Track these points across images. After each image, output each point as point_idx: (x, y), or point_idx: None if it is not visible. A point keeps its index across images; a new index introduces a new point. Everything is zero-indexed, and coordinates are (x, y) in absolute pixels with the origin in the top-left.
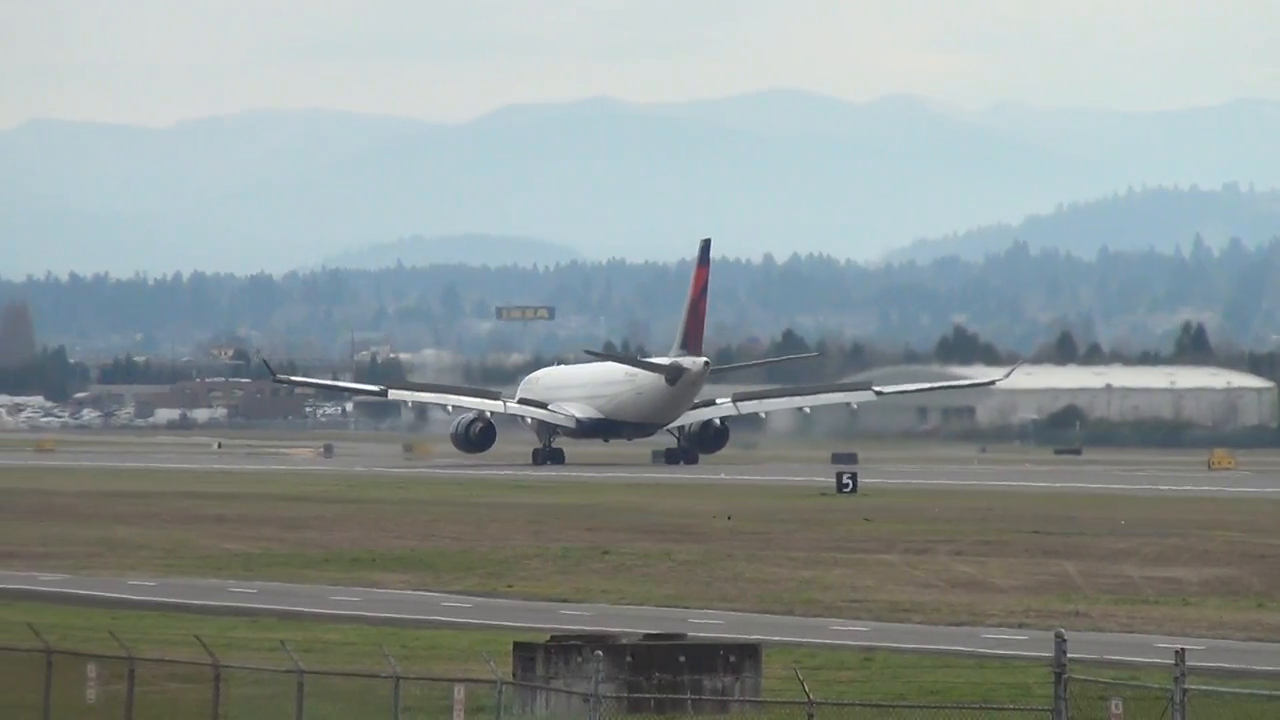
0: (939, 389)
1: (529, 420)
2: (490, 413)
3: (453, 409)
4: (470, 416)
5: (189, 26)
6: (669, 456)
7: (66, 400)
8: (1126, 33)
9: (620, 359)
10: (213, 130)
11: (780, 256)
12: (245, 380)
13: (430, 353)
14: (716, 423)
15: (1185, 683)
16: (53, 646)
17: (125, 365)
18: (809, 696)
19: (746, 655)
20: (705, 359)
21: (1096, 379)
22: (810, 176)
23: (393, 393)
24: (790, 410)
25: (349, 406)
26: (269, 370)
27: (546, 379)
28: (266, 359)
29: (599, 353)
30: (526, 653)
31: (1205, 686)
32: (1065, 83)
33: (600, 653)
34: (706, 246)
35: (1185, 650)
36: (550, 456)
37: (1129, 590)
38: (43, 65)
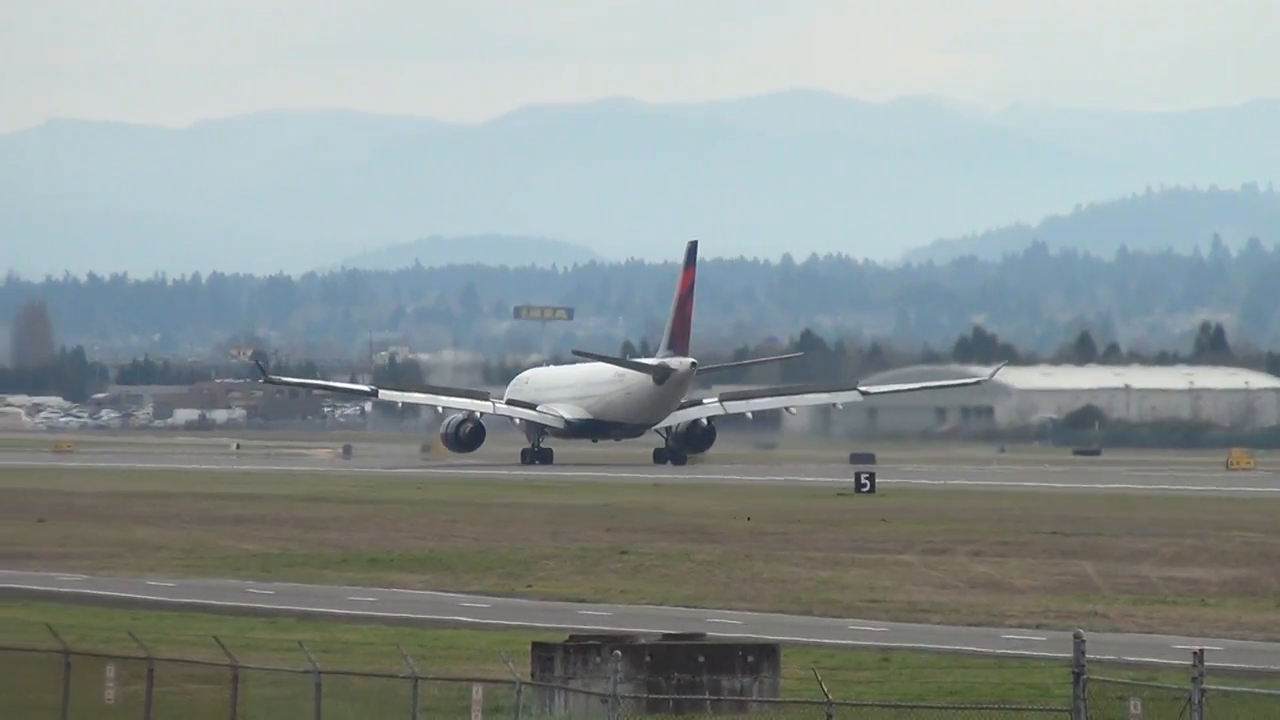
0: (925, 389)
1: (518, 421)
2: (480, 413)
3: (443, 409)
4: (460, 417)
5: (208, 27)
6: (657, 456)
7: (85, 401)
8: (1145, 32)
9: (608, 359)
10: (232, 130)
11: (799, 257)
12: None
13: (448, 353)
14: (703, 422)
15: (1204, 683)
16: (71, 647)
17: (144, 366)
18: (828, 697)
19: (765, 655)
20: (692, 359)
21: (1115, 379)
22: (828, 177)
23: (383, 393)
24: (809, 410)
25: (368, 407)
26: (261, 370)
27: (536, 380)
28: (259, 359)
29: (587, 353)
30: (545, 653)
31: (1224, 687)
32: (1083, 82)
33: (619, 653)
34: (693, 248)
35: (1204, 651)
36: (539, 456)
37: (1147, 591)
38: (61, 66)
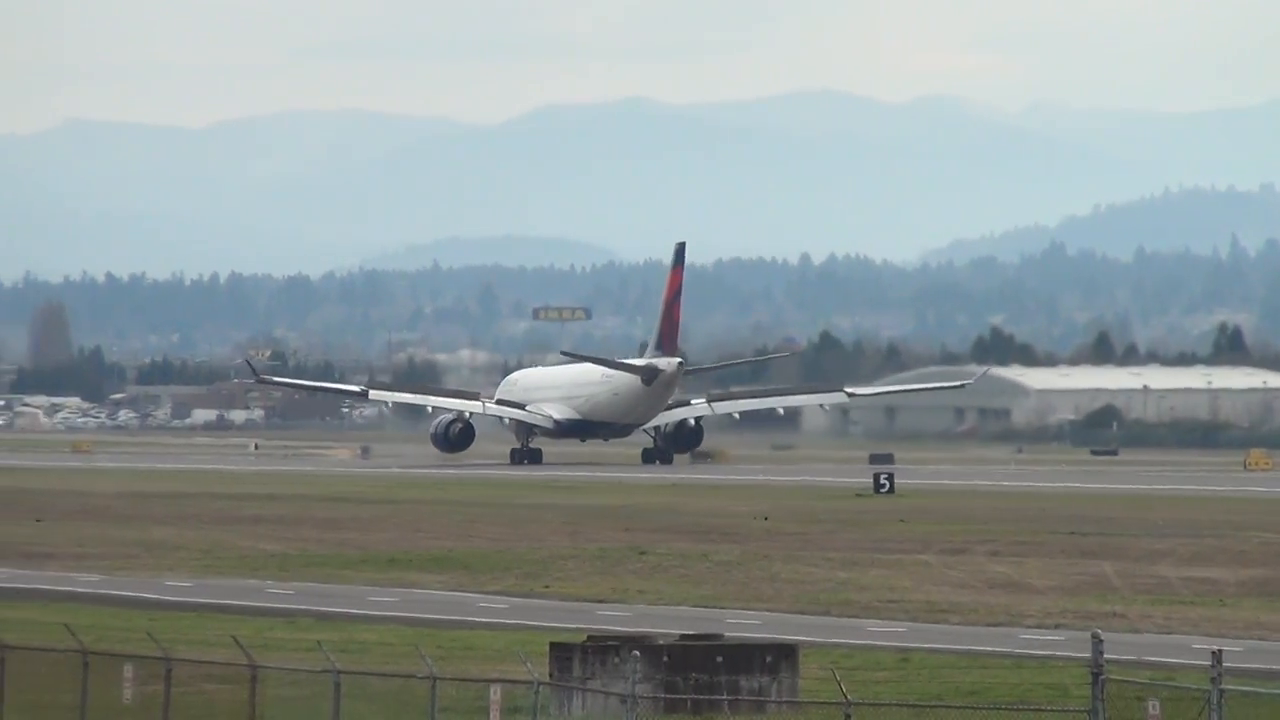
0: (910, 391)
1: (507, 421)
2: (469, 414)
3: (432, 409)
4: (450, 417)
5: (226, 27)
6: (645, 456)
7: (103, 401)
8: (1164, 33)
9: (597, 360)
10: (249, 131)
11: (817, 257)
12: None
13: (466, 353)
14: (691, 423)
15: (1222, 683)
16: (89, 647)
17: (162, 366)
18: (846, 697)
19: (783, 656)
20: (679, 360)
21: (1133, 380)
22: (847, 177)
23: (373, 394)
24: (828, 411)
25: (387, 408)
26: (253, 371)
27: (525, 380)
28: (250, 360)
29: (575, 354)
30: (563, 653)
31: (1242, 687)
32: (1102, 83)
33: (637, 653)
34: (681, 250)
35: (1222, 651)
36: (528, 456)
37: (1166, 591)
38: (79, 67)
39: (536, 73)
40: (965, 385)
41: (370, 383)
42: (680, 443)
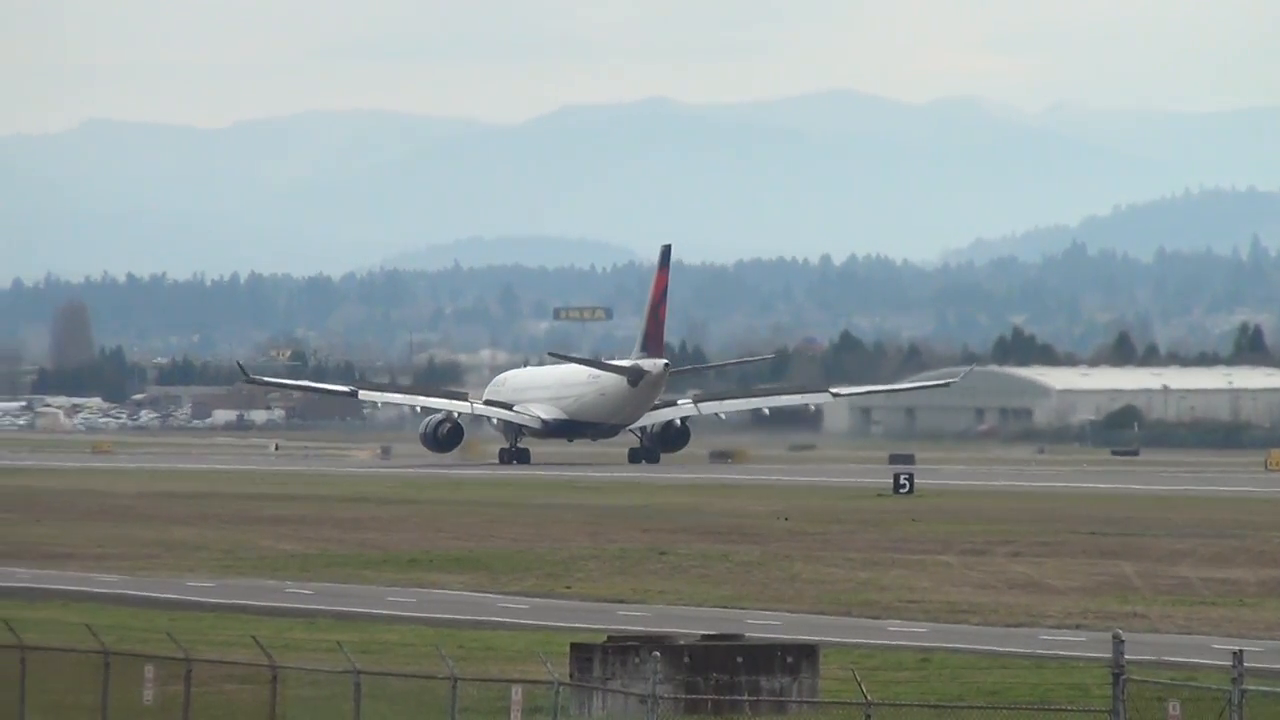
0: (892, 391)
1: (495, 421)
2: (458, 414)
3: (421, 410)
4: (439, 417)
5: (246, 27)
6: (632, 456)
7: (124, 401)
8: (1184, 33)
9: (583, 361)
10: (270, 131)
11: (838, 257)
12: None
13: (487, 353)
14: (677, 423)
15: (1243, 684)
16: (110, 648)
17: (183, 366)
18: (867, 697)
19: (804, 656)
20: (665, 361)
21: (1154, 380)
22: (867, 178)
23: (362, 394)
24: (848, 411)
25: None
26: (243, 372)
27: (513, 380)
28: (240, 361)
29: (562, 355)
30: (584, 653)
31: (1263, 687)
32: (1122, 83)
33: (658, 653)
34: (667, 252)
35: (1243, 651)
36: (516, 456)
37: (1186, 591)
38: (98, 67)
39: (557, 73)
40: (950, 384)
41: (360, 383)
42: (666, 443)
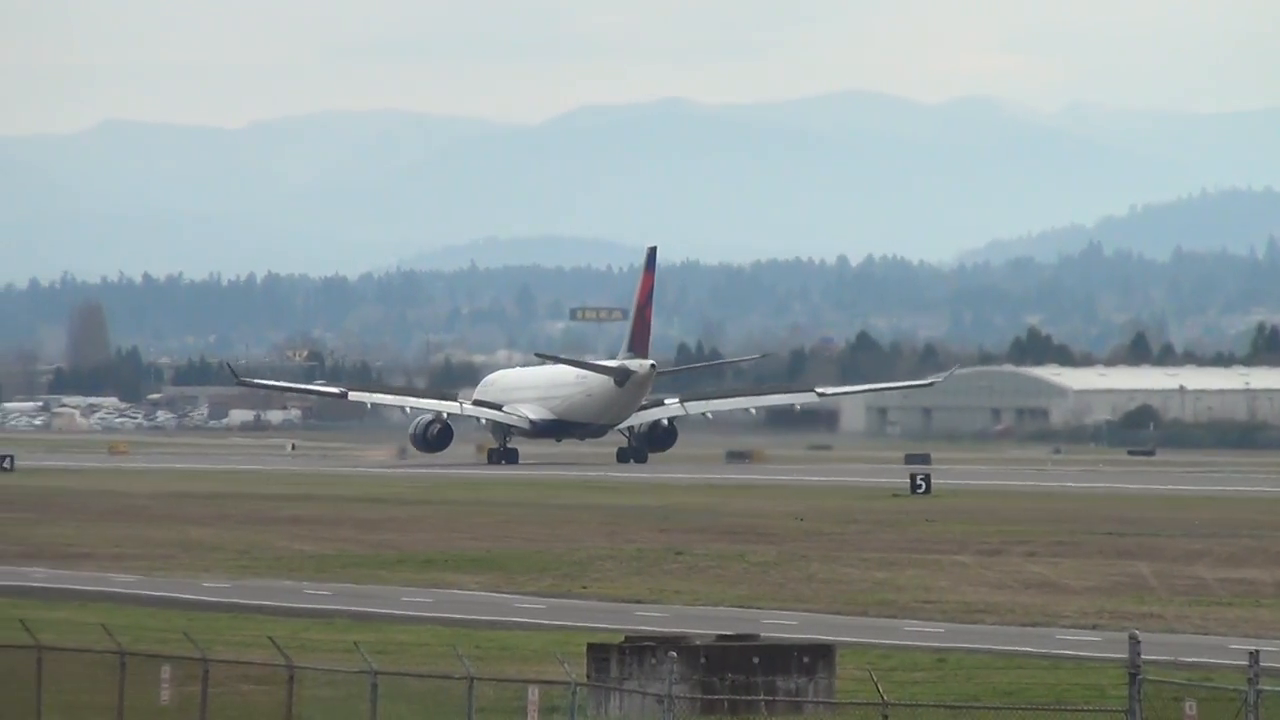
0: (879, 390)
1: (484, 421)
2: (447, 414)
3: (410, 410)
4: (428, 418)
5: (262, 27)
6: (620, 456)
7: (140, 402)
8: (1200, 33)
9: (570, 362)
10: (286, 131)
11: (854, 258)
12: (319, 382)
13: (503, 354)
14: (664, 423)
15: (1259, 684)
16: (127, 648)
17: (199, 367)
18: (883, 697)
19: (820, 656)
20: (652, 362)
21: (1170, 380)
22: (884, 178)
23: (352, 395)
24: (864, 411)
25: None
26: (232, 373)
27: (502, 381)
28: (229, 362)
29: (550, 355)
30: (600, 654)
31: (1279, 688)
32: (1139, 83)
33: (674, 654)
34: (653, 254)
35: (1259, 651)
36: (505, 456)
37: (1203, 591)
38: (116, 67)
39: (574, 73)
40: (934, 383)
41: (350, 385)
42: (654, 443)
